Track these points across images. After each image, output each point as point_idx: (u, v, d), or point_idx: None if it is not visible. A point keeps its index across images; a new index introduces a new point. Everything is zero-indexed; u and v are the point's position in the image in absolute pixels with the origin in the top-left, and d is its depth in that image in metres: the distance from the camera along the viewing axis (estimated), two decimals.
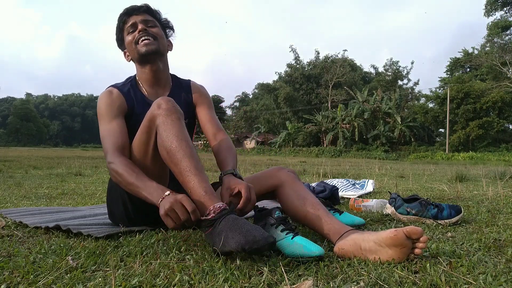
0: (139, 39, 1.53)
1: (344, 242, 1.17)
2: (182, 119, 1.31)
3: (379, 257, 1.09)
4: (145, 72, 1.59)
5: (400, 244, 1.07)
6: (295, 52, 40.76)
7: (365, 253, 1.12)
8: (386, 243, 1.08)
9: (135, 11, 1.58)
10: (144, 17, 1.58)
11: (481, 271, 1.01)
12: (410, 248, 1.09)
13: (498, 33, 29.72)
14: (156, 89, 1.63)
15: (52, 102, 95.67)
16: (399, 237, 1.07)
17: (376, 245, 1.10)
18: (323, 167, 6.42)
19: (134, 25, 1.56)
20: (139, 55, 1.54)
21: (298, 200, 1.40)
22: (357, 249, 1.13)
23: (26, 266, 1.01)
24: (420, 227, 1.63)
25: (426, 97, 32.70)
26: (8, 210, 1.90)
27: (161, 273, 0.97)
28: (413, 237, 1.08)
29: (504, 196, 2.77)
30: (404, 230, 1.07)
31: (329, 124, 33.24)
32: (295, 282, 0.92)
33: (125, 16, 1.58)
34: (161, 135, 1.26)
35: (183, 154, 1.21)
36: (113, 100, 1.51)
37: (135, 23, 1.56)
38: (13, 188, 3.15)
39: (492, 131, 26.27)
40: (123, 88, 1.57)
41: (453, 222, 1.70)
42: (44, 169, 5.69)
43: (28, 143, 61.38)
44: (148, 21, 1.57)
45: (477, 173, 5.98)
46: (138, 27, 1.54)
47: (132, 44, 1.55)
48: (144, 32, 1.53)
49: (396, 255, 1.08)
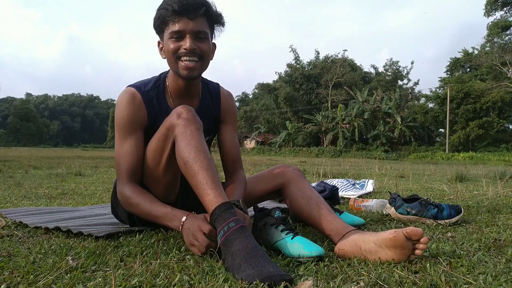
0: (183, 57, 1.32)
1: (344, 243, 1.17)
2: (201, 130, 1.26)
3: (379, 258, 1.09)
4: (177, 83, 1.42)
5: (400, 245, 1.07)
6: (295, 52, 40.76)
7: (365, 254, 1.12)
8: (386, 244, 1.08)
9: (190, 13, 1.29)
10: (197, 25, 1.30)
11: (481, 271, 1.01)
12: (410, 250, 1.08)
13: (498, 33, 29.69)
14: (184, 100, 1.46)
15: (52, 102, 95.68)
16: (399, 238, 1.06)
17: (376, 246, 1.10)
18: (323, 167, 6.41)
19: (181, 34, 1.30)
20: (177, 74, 1.37)
21: (302, 198, 1.39)
22: (357, 249, 1.13)
23: (26, 266, 1.01)
24: (420, 227, 1.63)
25: (426, 97, 32.71)
26: (8, 210, 1.90)
27: (161, 273, 0.97)
28: (413, 238, 1.07)
29: (504, 196, 2.77)
30: (404, 231, 1.07)
31: (329, 124, 33.24)
32: (295, 282, 0.92)
33: (175, 14, 1.29)
34: (179, 146, 1.22)
35: (201, 166, 1.17)
36: (134, 112, 1.38)
37: (183, 31, 1.30)
38: (13, 188, 3.15)
39: (492, 131, 26.27)
40: (147, 96, 1.41)
41: (453, 222, 1.70)
42: (44, 169, 5.69)
43: (28, 143, 61.37)
44: (200, 32, 1.31)
45: (477, 173, 5.98)
46: (186, 42, 1.29)
47: (173, 56, 1.32)
48: (191, 54, 1.31)
49: (396, 256, 1.08)
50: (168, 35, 1.32)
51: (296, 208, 1.41)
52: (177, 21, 1.29)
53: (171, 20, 1.30)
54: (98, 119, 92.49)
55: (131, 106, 1.38)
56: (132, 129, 1.38)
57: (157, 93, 1.43)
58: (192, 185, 1.19)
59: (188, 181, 1.20)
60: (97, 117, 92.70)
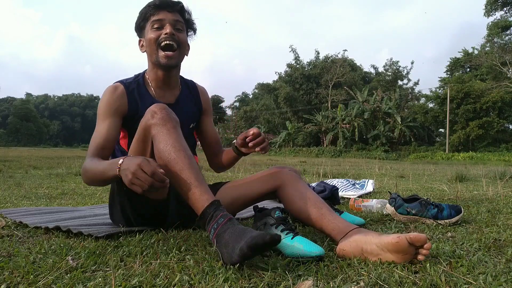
0: (163, 42, 1.45)
1: (346, 243, 1.17)
2: (178, 127, 1.27)
3: (379, 259, 1.09)
4: (157, 74, 1.54)
5: (402, 250, 1.06)
6: (295, 52, 40.75)
7: (366, 255, 1.11)
8: (388, 248, 1.07)
9: (168, 7, 1.47)
10: (175, 16, 1.48)
11: (481, 271, 1.01)
12: (412, 254, 1.08)
13: (498, 33, 29.70)
14: (165, 90, 1.57)
15: (52, 102, 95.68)
16: (401, 244, 1.05)
17: (378, 249, 1.09)
18: (323, 167, 6.42)
19: (162, 23, 1.46)
20: (157, 63, 1.49)
21: (300, 200, 1.38)
22: (358, 250, 1.13)
23: (26, 266, 1.01)
24: (420, 227, 1.63)
25: (426, 97, 32.71)
26: (8, 210, 1.90)
27: (161, 273, 0.97)
28: (417, 245, 1.07)
29: (504, 196, 2.77)
30: (407, 237, 1.05)
31: (329, 124, 33.24)
32: (295, 282, 0.92)
33: (156, 8, 1.47)
34: (158, 147, 1.21)
35: (182, 166, 1.17)
36: (114, 99, 1.47)
37: (163, 20, 1.46)
38: (13, 188, 3.15)
39: (492, 131, 26.27)
40: (128, 86, 1.52)
41: (453, 222, 1.70)
42: (44, 169, 5.69)
43: (28, 143, 61.33)
44: (178, 22, 1.49)
45: (477, 173, 5.98)
46: (167, 28, 1.45)
47: (154, 44, 1.46)
48: (170, 37, 1.45)
49: (398, 260, 1.07)
50: (149, 26, 1.48)
51: (295, 209, 1.39)
52: (158, 13, 1.47)
53: (152, 14, 1.47)
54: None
55: (112, 94, 1.48)
56: (109, 114, 1.45)
57: (138, 84, 1.55)
58: (176, 185, 1.19)
59: (171, 181, 1.17)
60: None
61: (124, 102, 1.49)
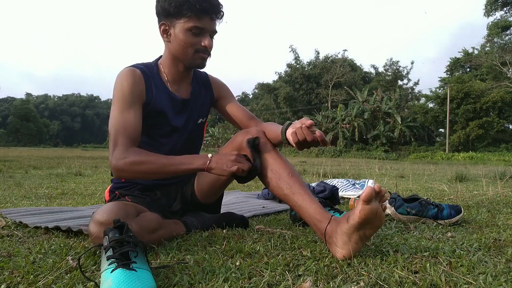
0: (201, 52, 1.40)
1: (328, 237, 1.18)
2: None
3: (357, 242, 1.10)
4: (177, 67, 1.47)
5: (371, 218, 1.07)
6: (295, 52, 40.75)
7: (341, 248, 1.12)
8: (359, 225, 1.08)
9: (213, 14, 1.37)
10: (215, 25, 1.40)
11: (481, 271, 1.01)
12: (380, 211, 1.08)
13: (498, 33, 29.70)
14: (179, 84, 1.51)
15: (52, 102, 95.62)
16: (366, 211, 1.05)
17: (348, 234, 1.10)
18: (323, 167, 6.42)
19: (203, 32, 1.37)
20: (188, 63, 1.43)
21: (271, 174, 1.32)
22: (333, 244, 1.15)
23: (26, 266, 1.01)
24: (420, 227, 1.63)
25: (426, 97, 32.70)
26: (8, 210, 1.90)
27: (161, 273, 0.97)
28: (377, 196, 1.07)
29: (504, 196, 2.77)
30: (363, 200, 1.05)
31: (329, 124, 33.23)
32: (295, 282, 0.92)
33: (201, 12, 1.34)
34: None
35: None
36: (135, 84, 1.37)
37: (205, 30, 1.37)
38: (13, 188, 3.15)
39: (492, 131, 26.26)
40: (144, 72, 1.43)
41: (453, 222, 1.70)
42: (44, 169, 5.69)
43: (28, 143, 61.31)
44: (214, 32, 1.42)
45: (477, 173, 5.98)
46: (205, 40, 1.37)
47: (190, 48, 1.38)
48: (207, 51, 1.41)
49: (374, 228, 1.10)
50: (187, 27, 1.35)
51: (267, 186, 1.34)
52: (201, 18, 1.35)
53: (194, 16, 1.34)
54: (98, 119, 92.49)
55: (132, 78, 1.38)
56: (133, 101, 1.36)
57: (152, 74, 1.46)
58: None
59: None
60: (97, 117, 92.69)
61: (143, 87, 1.40)
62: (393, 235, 1.45)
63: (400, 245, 1.26)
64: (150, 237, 1.20)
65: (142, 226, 1.18)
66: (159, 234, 1.26)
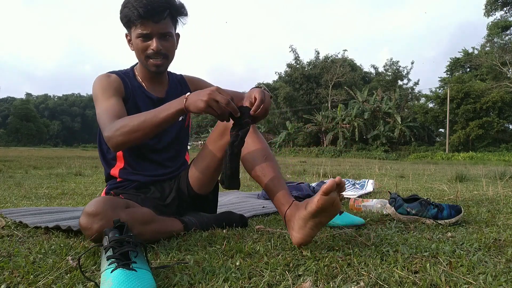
0: (151, 57, 1.43)
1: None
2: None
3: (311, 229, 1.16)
4: (146, 72, 1.54)
5: (328, 208, 1.12)
6: (295, 52, 40.78)
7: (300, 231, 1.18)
8: (316, 213, 1.13)
9: (154, 17, 1.36)
10: (162, 27, 1.39)
11: (481, 271, 1.01)
12: (337, 202, 1.13)
13: (498, 33, 29.71)
14: (154, 84, 1.57)
15: (52, 102, 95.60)
16: (324, 201, 1.11)
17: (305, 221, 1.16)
18: (323, 167, 6.42)
19: (148, 36, 1.40)
20: (146, 69, 1.49)
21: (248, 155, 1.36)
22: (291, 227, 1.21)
23: (26, 266, 1.01)
24: (420, 227, 1.63)
25: (426, 97, 32.73)
26: (8, 210, 1.90)
27: (161, 273, 0.97)
28: (337, 189, 1.12)
29: (504, 196, 2.77)
30: (323, 192, 1.10)
31: (329, 124, 33.24)
32: (295, 282, 0.92)
33: (141, 18, 1.36)
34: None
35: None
36: (111, 82, 1.43)
37: (150, 34, 1.39)
38: (13, 188, 3.15)
39: (492, 131, 26.27)
40: (120, 75, 1.50)
41: (453, 222, 1.70)
42: (44, 169, 5.70)
43: (28, 143, 61.30)
44: (165, 33, 1.41)
45: (477, 173, 5.98)
46: (153, 43, 1.40)
47: (141, 53, 1.44)
48: (158, 55, 1.42)
49: (326, 218, 1.16)
50: (136, 34, 1.41)
51: (243, 164, 1.37)
52: (143, 24, 1.38)
53: (137, 22, 1.38)
54: None
55: (106, 78, 1.45)
56: (114, 93, 1.40)
57: (128, 77, 1.52)
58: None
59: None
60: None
61: (121, 85, 1.46)
62: (393, 235, 1.45)
63: (400, 245, 1.26)
64: (141, 228, 1.21)
65: (132, 217, 1.19)
66: (152, 227, 1.27)
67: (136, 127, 1.22)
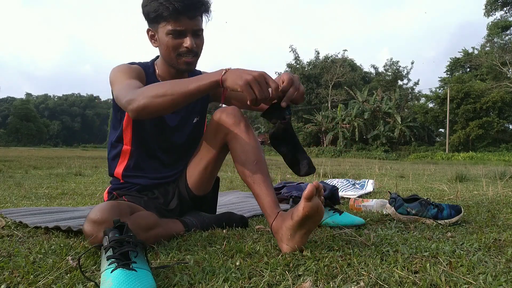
0: (183, 55, 1.37)
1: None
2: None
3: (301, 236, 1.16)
4: (169, 71, 1.47)
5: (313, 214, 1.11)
6: (295, 52, 40.76)
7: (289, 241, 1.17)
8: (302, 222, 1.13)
9: (190, 13, 1.32)
10: (196, 23, 1.35)
11: (481, 271, 1.01)
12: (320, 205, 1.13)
13: (498, 33, 29.72)
14: None
15: (52, 102, 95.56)
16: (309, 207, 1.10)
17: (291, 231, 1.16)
18: (323, 167, 6.41)
19: (182, 33, 1.34)
20: (174, 67, 1.42)
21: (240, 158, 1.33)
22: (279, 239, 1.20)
23: (26, 266, 1.01)
24: (420, 227, 1.63)
25: (426, 97, 32.75)
26: (8, 210, 1.90)
27: (161, 273, 0.97)
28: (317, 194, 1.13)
29: (504, 196, 2.77)
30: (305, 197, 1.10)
31: (329, 124, 33.25)
32: (295, 282, 0.92)
33: (176, 13, 1.30)
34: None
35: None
36: (132, 68, 1.38)
37: (184, 31, 1.33)
38: (13, 188, 3.15)
39: (492, 131, 26.28)
40: (142, 65, 1.45)
41: (453, 222, 1.70)
42: (44, 169, 5.70)
43: (28, 143, 61.26)
44: (198, 30, 1.37)
45: (477, 173, 5.98)
46: (187, 41, 1.34)
47: (172, 51, 1.37)
48: (190, 53, 1.36)
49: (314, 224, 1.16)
50: (166, 31, 1.34)
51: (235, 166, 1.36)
52: (178, 20, 1.32)
53: (171, 18, 1.31)
54: (98, 119, 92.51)
55: (129, 66, 1.40)
56: (135, 76, 1.35)
57: (148, 72, 1.47)
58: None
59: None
60: (97, 117, 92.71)
61: (143, 75, 1.42)
62: (393, 235, 1.45)
63: (400, 245, 1.26)
64: (146, 235, 1.20)
65: (137, 224, 1.17)
66: (156, 232, 1.26)
67: (162, 92, 1.15)
